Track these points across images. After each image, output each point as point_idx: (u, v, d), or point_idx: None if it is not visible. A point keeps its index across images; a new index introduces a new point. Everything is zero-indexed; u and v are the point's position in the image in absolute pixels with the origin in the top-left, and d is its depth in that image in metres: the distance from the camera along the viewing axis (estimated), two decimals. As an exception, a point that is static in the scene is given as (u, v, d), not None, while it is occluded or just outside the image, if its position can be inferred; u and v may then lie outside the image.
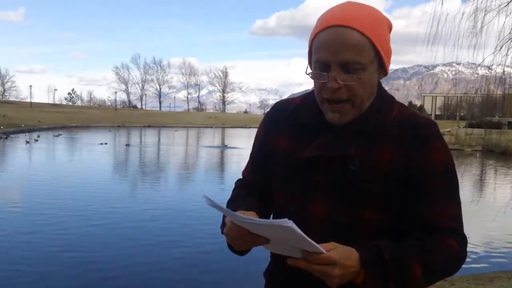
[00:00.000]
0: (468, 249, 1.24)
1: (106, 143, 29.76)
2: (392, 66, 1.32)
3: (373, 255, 1.10)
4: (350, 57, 1.15)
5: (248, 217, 1.07)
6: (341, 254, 1.06)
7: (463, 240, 1.20)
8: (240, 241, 1.17)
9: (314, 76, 1.21)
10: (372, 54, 1.18)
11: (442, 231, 1.18)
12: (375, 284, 1.09)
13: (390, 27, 1.25)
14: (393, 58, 1.27)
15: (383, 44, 1.20)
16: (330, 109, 1.22)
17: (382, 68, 1.23)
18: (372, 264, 1.09)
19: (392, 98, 1.31)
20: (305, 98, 1.35)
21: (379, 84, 1.29)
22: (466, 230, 1.23)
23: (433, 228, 1.18)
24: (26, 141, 29.42)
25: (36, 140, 30.85)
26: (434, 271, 1.15)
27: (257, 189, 1.39)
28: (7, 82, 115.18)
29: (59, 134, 38.85)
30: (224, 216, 1.24)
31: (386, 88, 1.31)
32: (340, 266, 1.05)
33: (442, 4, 6.44)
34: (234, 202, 1.34)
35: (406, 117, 1.25)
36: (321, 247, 1.04)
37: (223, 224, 1.23)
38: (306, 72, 1.24)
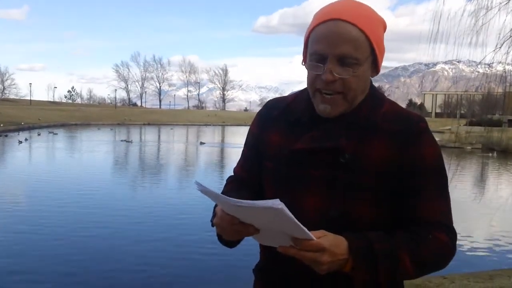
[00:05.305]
0: (468, 246, 1.24)
1: (127, 140, 32.83)
2: (392, 64, 1.34)
3: (363, 244, 1.11)
4: (347, 51, 1.17)
5: (239, 200, 1.04)
6: (330, 242, 1.07)
7: (453, 234, 1.22)
8: (230, 231, 1.16)
9: (310, 67, 1.22)
10: (368, 51, 1.20)
11: (433, 225, 1.19)
12: (364, 273, 1.10)
13: (384, 27, 1.27)
14: (394, 56, 1.28)
15: (378, 42, 1.22)
16: (322, 100, 1.22)
17: (375, 66, 1.25)
18: (361, 253, 1.10)
19: (383, 95, 1.33)
20: (298, 96, 1.36)
21: (370, 81, 1.30)
22: (467, 228, 1.24)
23: (424, 222, 1.19)
24: (19, 141, 28.58)
25: (26, 140, 29.95)
26: (424, 263, 1.16)
27: (249, 185, 1.39)
28: (7, 79, 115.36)
29: (51, 133, 38.05)
30: (214, 208, 1.23)
31: (387, 86, 1.33)
32: (329, 253, 1.06)
33: (443, 2, 6.43)
34: (227, 196, 1.33)
35: (396, 112, 1.26)
36: (311, 234, 1.05)
37: (214, 216, 1.22)
38: (302, 63, 1.25)
